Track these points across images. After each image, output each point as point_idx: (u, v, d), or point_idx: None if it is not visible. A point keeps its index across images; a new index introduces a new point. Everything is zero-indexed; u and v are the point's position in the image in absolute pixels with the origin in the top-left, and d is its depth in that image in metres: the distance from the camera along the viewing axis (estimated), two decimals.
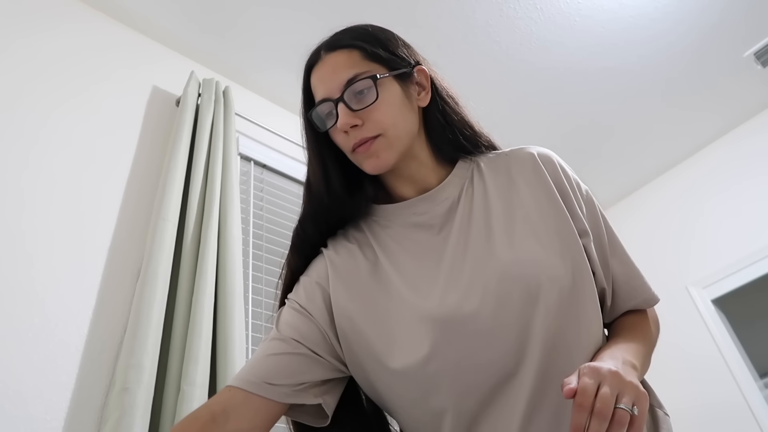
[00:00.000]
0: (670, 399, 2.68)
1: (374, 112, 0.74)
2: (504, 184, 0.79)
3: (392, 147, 0.76)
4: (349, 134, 0.75)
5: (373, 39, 0.81)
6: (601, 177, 3.01)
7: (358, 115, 0.74)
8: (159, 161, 1.74)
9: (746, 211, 2.62)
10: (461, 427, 0.67)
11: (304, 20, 2.06)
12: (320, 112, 0.78)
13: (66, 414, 1.18)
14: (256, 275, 1.73)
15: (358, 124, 0.74)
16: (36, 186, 1.44)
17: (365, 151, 0.75)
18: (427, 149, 0.83)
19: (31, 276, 1.31)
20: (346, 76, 0.75)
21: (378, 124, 0.75)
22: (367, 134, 0.74)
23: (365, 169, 0.77)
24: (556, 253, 0.71)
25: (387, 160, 0.76)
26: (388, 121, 0.75)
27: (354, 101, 0.74)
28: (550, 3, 2.15)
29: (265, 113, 2.24)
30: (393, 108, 0.76)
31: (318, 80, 0.79)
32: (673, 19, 2.25)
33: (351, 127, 0.74)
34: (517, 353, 0.66)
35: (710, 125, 2.79)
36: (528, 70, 2.39)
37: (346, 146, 0.78)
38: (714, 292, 2.61)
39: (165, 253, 1.40)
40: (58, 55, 1.72)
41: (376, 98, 0.74)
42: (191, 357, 1.25)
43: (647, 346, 0.76)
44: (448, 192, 0.80)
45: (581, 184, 0.82)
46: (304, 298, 0.78)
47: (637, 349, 0.70)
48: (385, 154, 0.75)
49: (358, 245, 0.81)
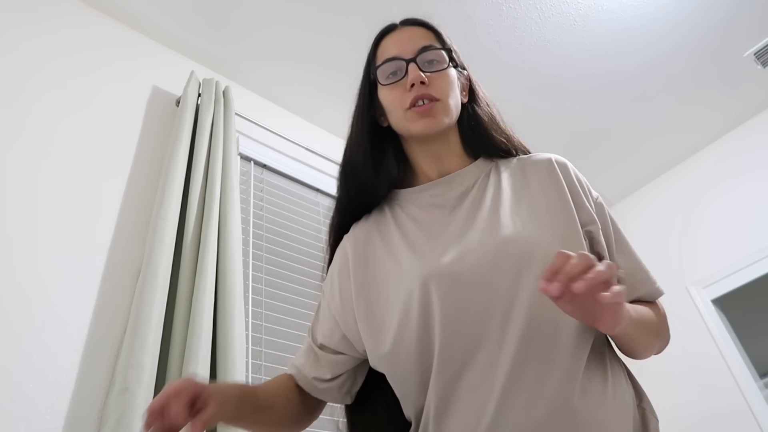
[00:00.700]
0: (670, 399, 2.70)
1: (439, 79, 0.84)
2: (518, 180, 0.84)
3: (447, 114, 0.84)
4: (413, 89, 0.83)
5: (444, 34, 0.93)
6: (601, 177, 3.01)
7: (427, 77, 0.83)
8: (159, 161, 1.74)
9: (746, 211, 2.62)
10: (444, 384, 0.70)
11: (304, 20, 2.06)
12: (386, 68, 0.86)
13: (66, 414, 1.18)
14: (256, 275, 1.73)
15: (425, 83, 0.82)
16: (36, 186, 1.44)
17: (425, 110, 0.82)
18: (458, 138, 0.91)
19: (31, 276, 1.31)
20: (423, 43, 0.86)
21: (441, 91, 0.84)
22: (431, 93, 0.83)
23: (417, 127, 0.84)
24: (557, 238, 0.74)
25: (440, 123, 0.84)
26: (448, 91, 0.85)
27: (425, 64, 0.85)
28: (550, 3, 2.15)
29: (265, 113, 2.24)
30: (452, 84, 0.86)
31: (393, 42, 0.89)
32: (674, 20, 2.25)
33: (420, 82, 0.82)
34: (504, 314, 0.69)
35: (710, 125, 2.79)
36: (528, 69, 2.39)
37: (403, 101, 0.84)
38: (714, 292, 2.61)
39: (165, 253, 1.40)
40: (58, 55, 1.72)
41: (446, 67, 0.85)
42: (191, 357, 1.25)
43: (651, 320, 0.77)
44: (464, 178, 0.86)
45: (593, 190, 0.87)
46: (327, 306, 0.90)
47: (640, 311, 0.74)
48: (441, 117, 0.83)
49: (377, 226, 0.88)
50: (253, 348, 1.58)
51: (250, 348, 1.56)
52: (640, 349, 0.77)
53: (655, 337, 0.78)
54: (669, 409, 2.53)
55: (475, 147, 0.91)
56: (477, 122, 0.91)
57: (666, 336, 0.82)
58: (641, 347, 0.76)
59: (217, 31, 2.07)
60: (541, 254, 0.70)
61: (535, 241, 0.73)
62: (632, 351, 0.77)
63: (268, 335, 1.64)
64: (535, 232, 0.74)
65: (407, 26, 0.92)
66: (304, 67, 2.23)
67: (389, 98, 0.87)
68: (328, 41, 2.14)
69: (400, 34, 0.90)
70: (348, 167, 0.92)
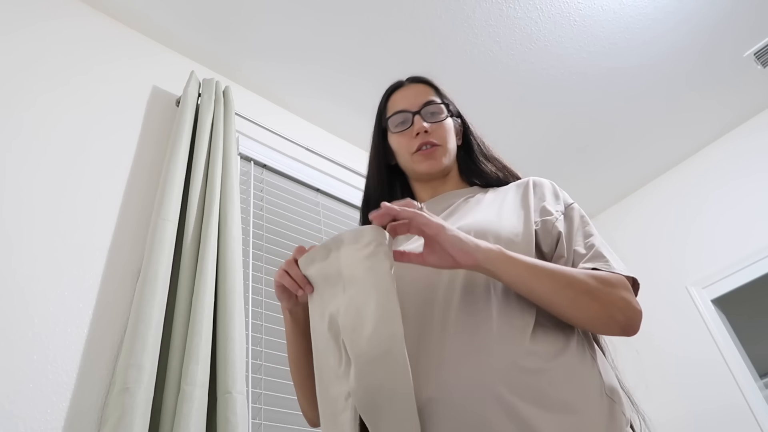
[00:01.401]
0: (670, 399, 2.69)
1: (440, 129, 1.02)
2: (499, 196, 0.98)
3: (446, 156, 1.02)
4: (418, 137, 1.00)
5: (442, 89, 1.10)
6: (601, 177, 3.01)
7: (429, 126, 1.00)
8: (159, 161, 1.74)
9: (746, 211, 2.62)
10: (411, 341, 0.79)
11: (304, 20, 2.06)
12: (395, 119, 1.04)
13: (66, 414, 1.18)
14: (256, 275, 1.73)
15: (428, 131, 1.00)
16: (35, 186, 1.44)
17: (428, 153, 1.00)
18: (456, 174, 1.08)
19: (31, 276, 1.31)
20: (426, 99, 1.04)
21: (441, 137, 1.02)
22: (433, 139, 1.00)
23: (422, 167, 1.01)
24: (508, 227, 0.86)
25: (441, 164, 1.01)
26: (447, 137, 1.02)
27: (428, 116, 1.02)
28: (550, 3, 2.15)
29: (265, 113, 2.24)
30: (450, 132, 1.04)
31: (401, 97, 1.06)
32: (674, 20, 2.25)
33: (424, 131, 1.00)
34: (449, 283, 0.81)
35: (710, 125, 2.79)
36: (528, 69, 2.39)
37: (410, 147, 1.01)
38: (714, 292, 2.61)
39: (165, 253, 1.40)
40: (58, 55, 1.72)
41: (445, 118, 1.03)
42: (191, 357, 1.25)
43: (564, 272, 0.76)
44: (452, 197, 1.02)
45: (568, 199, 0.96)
46: None
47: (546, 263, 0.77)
48: (441, 159, 1.01)
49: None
50: (253, 348, 1.58)
51: (250, 348, 1.55)
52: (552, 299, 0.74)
53: (575, 292, 0.75)
54: (669, 409, 2.53)
55: (470, 176, 1.07)
56: (471, 158, 1.08)
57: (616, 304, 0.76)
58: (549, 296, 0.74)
59: (217, 31, 2.07)
60: (491, 233, 0.83)
61: (488, 228, 0.85)
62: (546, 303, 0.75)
63: (268, 335, 1.64)
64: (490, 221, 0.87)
65: (413, 83, 1.09)
66: (304, 67, 2.23)
67: (398, 143, 1.04)
68: (329, 41, 2.14)
69: (407, 90, 1.07)
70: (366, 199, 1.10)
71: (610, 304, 0.76)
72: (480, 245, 0.73)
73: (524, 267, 0.74)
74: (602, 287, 0.76)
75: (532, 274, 0.74)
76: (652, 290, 2.79)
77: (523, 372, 0.70)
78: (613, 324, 0.76)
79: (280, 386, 1.56)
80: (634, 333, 0.77)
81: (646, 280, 2.87)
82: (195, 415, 1.17)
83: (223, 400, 1.25)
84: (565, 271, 0.77)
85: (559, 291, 0.74)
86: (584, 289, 0.75)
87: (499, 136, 2.65)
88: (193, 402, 1.19)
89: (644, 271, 2.87)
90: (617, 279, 0.79)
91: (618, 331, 0.76)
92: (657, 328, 2.72)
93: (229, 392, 1.26)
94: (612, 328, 0.76)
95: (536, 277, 0.74)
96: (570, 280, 0.75)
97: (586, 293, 0.75)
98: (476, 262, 0.72)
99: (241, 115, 2.03)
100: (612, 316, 0.75)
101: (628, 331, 0.77)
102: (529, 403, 0.67)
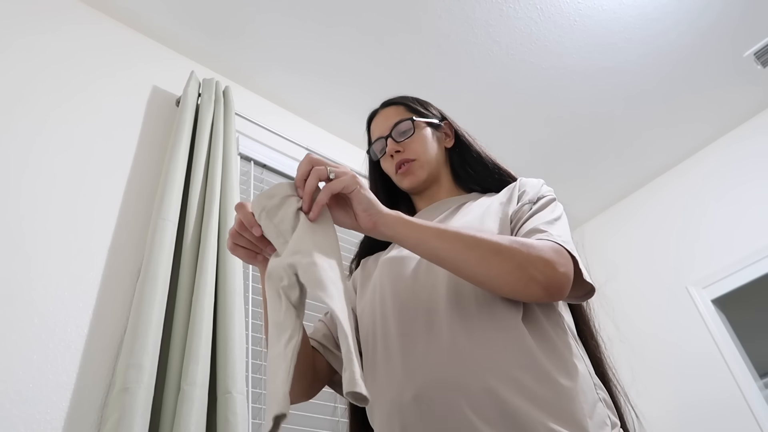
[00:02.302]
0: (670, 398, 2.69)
1: (412, 143, 1.05)
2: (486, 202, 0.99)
3: (423, 168, 1.04)
4: (394, 158, 1.05)
5: (414, 100, 1.13)
6: (601, 176, 3.01)
7: (400, 145, 1.04)
8: (159, 161, 1.74)
9: (746, 211, 2.62)
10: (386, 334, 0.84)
11: (304, 20, 2.06)
12: (375, 148, 1.09)
13: (66, 414, 1.18)
14: (256, 275, 1.73)
15: (400, 150, 1.04)
16: (36, 186, 1.44)
17: (405, 171, 1.04)
18: (450, 178, 1.10)
19: (31, 276, 1.31)
20: (394, 121, 1.07)
21: (413, 151, 1.04)
22: (406, 156, 1.04)
23: (404, 185, 1.06)
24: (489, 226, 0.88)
25: (419, 177, 1.04)
26: (420, 149, 1.05)
27: (398, 136, 1.05)
28: (550, 3, 2.15)
29: (265, 113, 2.24)
30: (425, 142, 1.06)
31: (375, 126, 1.12)
32: (673, 19, 2.25)
33: (396, 152, 1.04)
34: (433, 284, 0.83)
35: (710, 125, 2.79)
36: (528, 69, 2.39)
37: (391, 169, 1.07)
38: (714, 292, 2.61)
39: (165, 253, 1.40)
40: (58, 55, 1.72)
41: (413, 133, 1.05)
42: (191, 357, 1.25)
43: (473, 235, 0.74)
44: (448, 204, 1.04)
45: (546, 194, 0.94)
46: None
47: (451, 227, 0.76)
48: (418, 172, 1.04)
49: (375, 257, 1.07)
50: (253, 348, 1.58)
51: (250, 348, 1.56)
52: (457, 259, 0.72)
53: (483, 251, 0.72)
54: (668, 409, 2.53)
55: (467, 182, 1.08)
56: (462, 163, 1.09)
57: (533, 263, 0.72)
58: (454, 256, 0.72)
59: (217, 31, 2.07)
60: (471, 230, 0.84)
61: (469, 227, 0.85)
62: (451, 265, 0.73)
63: None
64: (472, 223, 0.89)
65: (384, 108, 1.13)
66: (305, 66, 2.23)
67: (385, 168, 1.10)
68: (329, 41, 2.14)
69: (379, 118, 1.12)
70: None
71: (527, 262, 0.71)
72: (383, 211, 0.73)
73: (425, 229, 0.73)
74: (518, 247, 0.72)
75: (435, 235, 0.73)
76: (652, 290, 2.79)
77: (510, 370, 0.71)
78: (533, 284, 0.71)
79: None
80: (560, 295, 0.73)
81: (646, 280, 2.88)
82: (195, 415, 1.17)
83: (223, 400, 1.25)
84: (475, 234, 0.74)
85: (465, 251, 0.72)
86: (494, 249, 0.72)
87: (499, 136, 2.65)
88: (193, 402, 1.19)
89: (644, 271, 2.87)
90: (543, 243, 0.75)
91: (540, 292, 0.72)
92: (657, 328, 2.72)
93: (229, 392, 1.26)
94: (532, 288, 0.71)
95: (439, 238, 0.72)
96: (478, 242, 0.72)
97: (496, 253, 0.71)
98: (375, 225, 0.73)
99: (241, 115, 2.03)
100: (531, 276, 0.71)
101: (553, 293, 0.72)
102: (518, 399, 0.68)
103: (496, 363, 0.71)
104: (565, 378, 0.72)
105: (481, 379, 0.70)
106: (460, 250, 0.72)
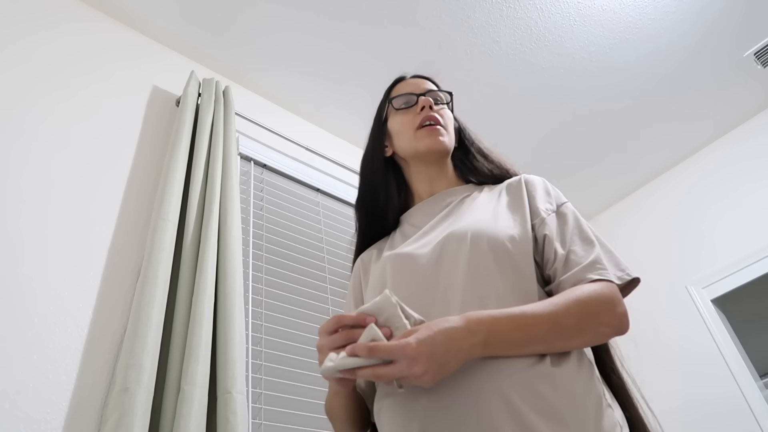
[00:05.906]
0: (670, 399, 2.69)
1: (444, 113, 1.05)
2: (494, 196, 0.98)
3: (448, 138, 1.03)
4: (423, 112, 1.02)
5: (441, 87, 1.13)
6: (601, 176, 3.01)
7: (436, 107, 1.04)
8: (159, 161, 1.74)
9: (746, 211, 2.62)
10: None
11: (304, 20, 2.06)
12: (400, 99, 1.06)
13: (66, 414, 1.18)
14: (256, 275, 1.73)
15: (433, 107, 1.03)
16: (35, 186, 1.44)
17: (433, 129, 1.01)
18: (452, 168, 1.09)
19: (31, 276, 1.31)
20: (431, 86, 1.08)
21: (444, 121, 1.04)
22: (438, 117, 1.02)
23: (424, 143, 1.00)
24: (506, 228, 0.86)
25: (442, 144, 1.01)
26: (449, 123, 1.05)
27: (435, 99, 1.05)
28: (550, 3, 2.15)
29: (265, 113, 2.24)
30: (451, 122, 1.07)
31: (405, 85, 1.09)
32: (673, 19, 2.25)
33: (429, 107, 1.02)
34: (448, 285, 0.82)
35: (711, 125, 2.79)
36: (528, 70, 2.39)
37: (414, 123, 1.02)
38: (714, 292, 2.61)
39: (165, 253, 1.40)
40: (58, 55, 1.72)
41: (448, 104, 1.08)
42: (191, 357, 1.25)
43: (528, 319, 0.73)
44: (450, 195, 1.02)
45: (561, 198, 0.94)
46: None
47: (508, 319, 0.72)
48: (444, 138, 1.01)
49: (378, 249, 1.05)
50: (253, 348, 1.58)
51: (250, 348, 1.55)
52: (546, 350, 0.73)
53: (564, 339, 0.74)
54: (669, 409, 2.53)
55: (466, 174, 1.08)
56: (466, 155, 1.09)
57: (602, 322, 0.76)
58: (543, 350, 0.73)
59: (217, 31, 2.07)
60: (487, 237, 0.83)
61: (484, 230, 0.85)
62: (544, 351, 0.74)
63: (268, 335, 1.64)
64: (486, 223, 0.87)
65: (416, 78, 1.12)
66: (305, 66, 2.23)
67: (401, 122, 1.05)
68: (329, 40, 2.14)
69: (412, 81, 1.10)
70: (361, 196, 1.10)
71: (597, 325, 0.76)
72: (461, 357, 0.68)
73: (507, 341, 0.72)
74: (586, 317, 0.75)
75: (519, 335, 0.71)
76: (653, 290, 2.79)
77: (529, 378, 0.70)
78: (606, 337, 0.81)
79: (280, 386, 1.56)
80: (627, 330, 0.79)
81: (646, 279, 2.87)
82: (195, 415, 1.17)
83: (223, 400, 1.25)
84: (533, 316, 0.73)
85: (551, 343, 0.74)
86: (571, 331, 0.74)
87: (500, 136, 2.65)
88: (193, 402, 1.19)
89: (644, 271, 2.87)
90: (598, 296, 0.76)
91: (614, 336, 0.80)
92: (657, 328, 2.72)
93: (229, 392, 1.26)
94: (605, 338, 0.81)
95: (523, 336, 0.72)
96: (558, 331, 0.73)
97: (575, 334, 0.75)
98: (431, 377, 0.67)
99: (241, 115, 2.03)
100: (603, 333, 0.78)
101: (621, 333, 0.79)
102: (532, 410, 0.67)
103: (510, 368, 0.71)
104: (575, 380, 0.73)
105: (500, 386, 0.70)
106: (547, 344, 0.74)
